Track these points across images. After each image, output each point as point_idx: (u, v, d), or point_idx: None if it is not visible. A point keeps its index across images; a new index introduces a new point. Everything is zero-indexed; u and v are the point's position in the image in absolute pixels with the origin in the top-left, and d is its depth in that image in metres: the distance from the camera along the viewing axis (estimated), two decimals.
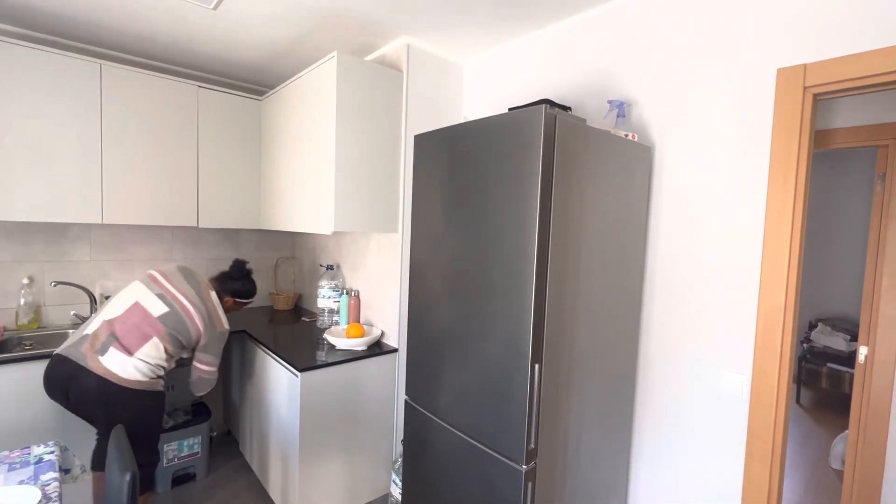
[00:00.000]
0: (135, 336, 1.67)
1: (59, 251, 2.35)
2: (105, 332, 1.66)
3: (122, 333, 1.66)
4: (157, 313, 1.73)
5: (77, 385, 1.59)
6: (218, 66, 2.60)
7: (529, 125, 1.18)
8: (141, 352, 1.66)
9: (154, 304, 1.74)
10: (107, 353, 1.62)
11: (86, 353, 1.62)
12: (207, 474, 2.46)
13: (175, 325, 1.75)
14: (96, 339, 1.64)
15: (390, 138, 2.12)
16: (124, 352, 1.63)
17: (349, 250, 2.57)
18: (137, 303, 1.74)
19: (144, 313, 1.72)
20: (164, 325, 1.72)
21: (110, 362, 1.61)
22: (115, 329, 1.67)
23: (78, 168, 2.12)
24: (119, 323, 1.68)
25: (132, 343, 1.65)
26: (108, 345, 1.63)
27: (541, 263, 1.18)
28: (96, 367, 1.59)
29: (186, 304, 1.79)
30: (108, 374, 1.60)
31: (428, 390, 1.59)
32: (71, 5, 1.92)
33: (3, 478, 1.23)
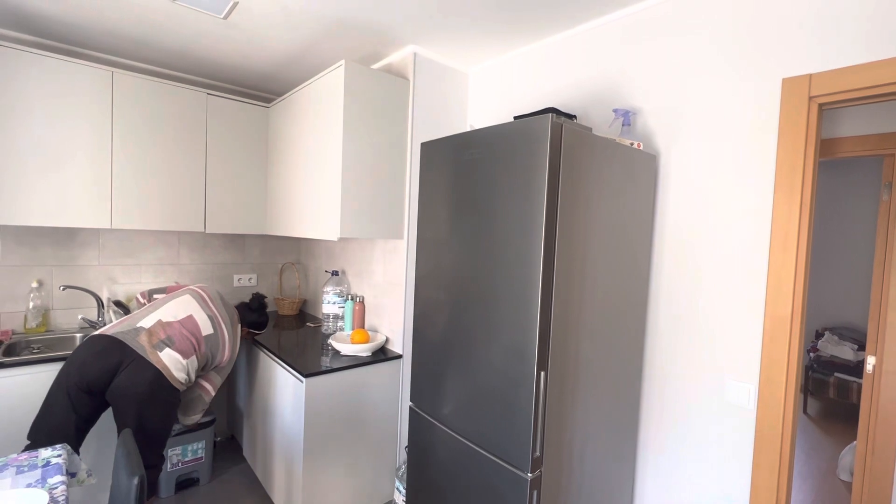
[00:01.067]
0: (187, 345, 1.79)
1: (67, 255, 2.37)
2: (162, 332, 1.76)
3: (178, 339, 1.77)
4: (205, 332, 1.87)
5: (131, 373, 1.62)
6: (227, 74, 2.64)
7: (536, 134, 1.19)
8: (188, 360, 1.78)
9: (205, 323, 1.88)
10: (164, 351, 1.71)
11: (144, 345, 1.69)
12: (211, 479, 2.45)
13: (212, 347, 1.90)
14: (153, 336, 1.72)
15: (396, 145, 2.14)
16: (181, 354, 1.75)
17: (354, 256, 2.58)
18: (192, 316, 1.86)
19: (197, 328, 1.84)
20: (206, 344, 1.86)
21: (168, 359, 1.71)
22: (171, 332, 1.77)
23: (88, 174, 2.15)
24: (177, 327, 1.79)
25: (184, 350, 1.77)
26: (165, 345, 1.73)
27: (546, 272, 1.18)
28: (156, 361, 1.68)
29: (224, 331, 1.95)
30: (164, 369, 1.69)
31: (433, 397, 1.59)
32: (84, 14, 1.95)
33: (11, 481, 1.24)
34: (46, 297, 2.31)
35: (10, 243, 2.22)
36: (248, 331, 2.31)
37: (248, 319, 2.28)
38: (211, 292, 2.06)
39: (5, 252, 2.20)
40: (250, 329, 2.32)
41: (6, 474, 1.27)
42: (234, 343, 2.03)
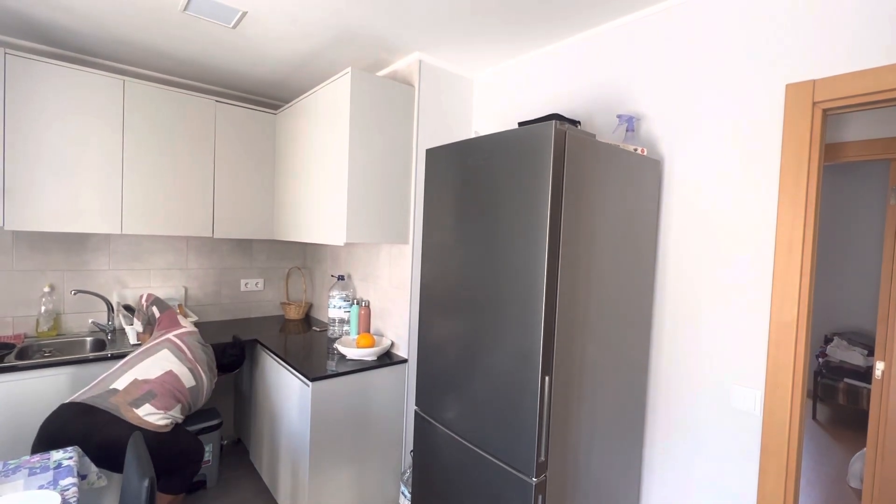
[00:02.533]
0: (169, 399, 1.76)
1: (79, 261, 2.41)
2: (140, 390, 1.70)
3: (160, 394, 1.74)
4: (188, 385, 1.86)
5: (107, 436, 1.57)
6: (235, 82, 2.68)
7: (540, 140, 1.20)
8: (171, 413, 1.77)
9: (186, 376, 1.87)
10: (142, 408, 1.68)
11: (118, 404, 1.64)
12: (218, 482, 2.47)
13: (195, 397, 1.91)
14: (129, 395, 1.68)
15: (402, 151, 2.16)
16: (160, 409, 1.72)
17: (360, 261, 2.60)
18: (171, 371, 1.82)
19: (178, 382, 1.82)
20: (190, 394, 1.87)
21: (144, 414, 1.67)
22: (152, 388, 1.73)
23: (100, 180, 2.19)
24: (156, 384, 1.75)
25: (166, 404, 1.75)
26: (144, 401, 1.69)
27: (551, 276, 1.19)
28: (132, 418, 1.64)
29: (204, 379, 1.95)
30: (142, 423, 1.65)
31: (438, 401, 1.59)
32: (96, 24, 2.00)
33: (24, 482, 1.26)
34: (58, 302, 2.35)
35: (24, 248, 2.26)
36: (219, 373, 2.28)
37: (220, 362, 2.26)
38: (189, 341, 1.98)
39: (18, 257, 2.25)
40: (222, 372, 2.30)
41: (19, 476, 1.30)
42: (211, 387, 2.03)
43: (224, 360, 2.28)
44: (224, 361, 2.28)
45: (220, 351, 2.28)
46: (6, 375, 1.82)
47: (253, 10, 1.80)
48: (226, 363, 2.29)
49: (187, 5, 1.78)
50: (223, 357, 2.28)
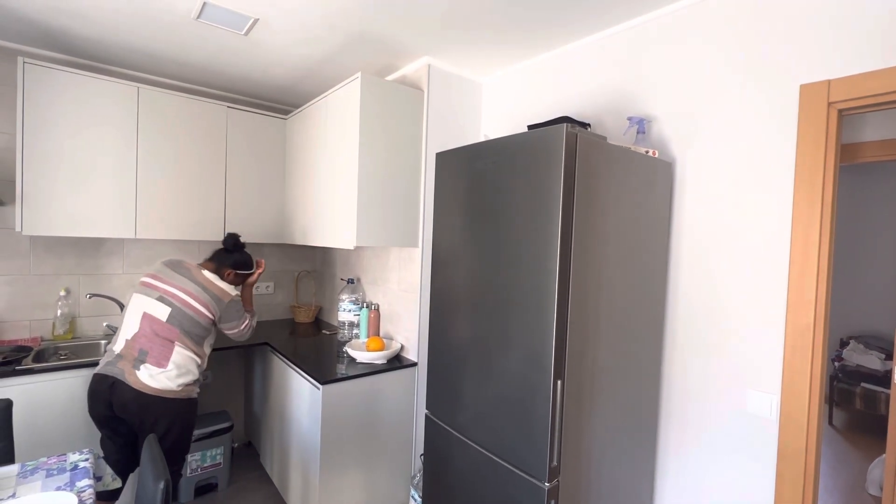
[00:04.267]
0: (159, 347, 1.71)
1: (94, 265, 2.45)
2: (133, 350, 1.71)
3: (149, 347, 1.71)
4: (163, 317, 1.75)
5: (119, 397, 1.67)
6: (246, 87, 2.71)
7: (550, 144, 1.20)
8: (171, 363, 1.72)
9: (158, 308, 1.76)
10: (141, 368, 1.68)
11: (123, 368, 1.68)
12: (229, 485, 2.49)
13: (182, 321, 1.77)
14: (128, 358, 1.70)
15: (411, 155, 2.17)
16: (157, 365, 1.70)
17: (370, 264, 2.61)
18: (145, 313, 1.76)
19: (154, 320, 1.74)
20: (173, 325, 1.75)
21: (145, 376, 1.68)
22: (140, 345, 1.71)
23: (114, 185, 2.22)
24: (141, 338, 1.72)
25: (161, 356, 1.71)
26: (141, 361, 1.69)
27: (562, 280, 1.19)
28: (134, 382, 1.66)
29: (184, 297, 1.79)
30: (144, 387, 1.67)
31: (449, 405, 1.59)
32: (111, 32, 2.04)
33: (42, 484, 1.28)
34: (74, 305, 2.39)
35: (41, 253, 2.30)
36: (234, 273, 2.07)
37: (228, 261, 2.06)
38: (155, 269, 1.88)
39: (35, 262, 2.29)
40: (236, 270, 2.08)
41: (36, 477, 1.32)
42: (211, 291, 1.84)
43: (228, 261, 2.05)
44: (230, 261, 2.06)
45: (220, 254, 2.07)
46: (24, 378, 1.86)
47: (264, 17, 1.82)
48: (234, 262, 2.06)
49: (200, 13, 1.81)
50: (226, 257, 2.06)
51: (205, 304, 1.82)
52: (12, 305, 2.24)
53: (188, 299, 1.79)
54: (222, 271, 2.03)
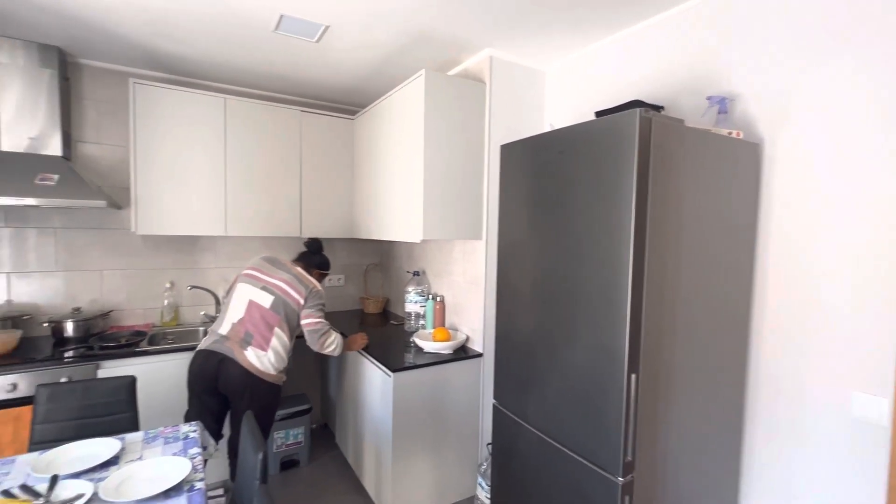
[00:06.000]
0: (262, 330, 1.94)
1: (191, 260, 2.75)
2: (238, 332, 1.93)
3: (253, 331, 1.93)
4: (267, 304, 1.98)
5: (226, 372, 1.89)
6: (317, 91, 2.87)
7: (622, 130, 1.16)
8: (272, 346, 1.94)
9: (263, 297, 1.99)
10: (248, 349, 1.90)
11: (232, 348, 1.90)
12: (309, 462, 2.69)
13: (282, 308, 1.99)
14: (234, 339, 1.92)
15: (474, 148, 2.19)
16: (260, 348, 1.92)
17: (434, 257, 2.67)
18: (251, 301, 1.99)
19: (259, 308, 1.97)
20: (275, 311, 1.97)
21: (252, 356, 1.90)
22: (247, 328, 1.94)
23: (207, 188, 2.47)
24: (247, 322, 1.95)
25: (264, 338, 1.93)
26: (247, 343, 1.92)
27: (637, 271, 1.15)
28: (242, 360, 1.89)
29: (283, 286, 2.01)
30: (250, 366, 1.89)
31: (516, 395, 1.61)
32: (203, 51, 2.25)
33: (161, 449, 1.48)
34: (177, 296, 2.70)
35: (151, 250, 2.62)
36: (318, 272, 2.29)
37: (314, 262, 2.28)
38: (256, 263, 2.10)
39: (147, 258, 2.61)
40: (320, 270, 2.31)
41: (157, 443, 1.52)
42: (302, 280, 2.04)
43: (314, 261, 2.28)
44: (315, 262, 2.28)
45: (306, 256, 2.29)
46: (141, 358, 2.14)
47: (334, 24, 1.92)
48: (318, 263, 2.30)
49: (278, 25, 1.94)
50: (312, 259, 2.28)
51: (299, 292, 2.02)
52: (130, 296, 2.58)
53: (287, 288, 2.01)
54: (310, 270, 2.24)
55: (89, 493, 1.19)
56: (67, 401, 1.64)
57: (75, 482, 1.24)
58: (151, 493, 1.19)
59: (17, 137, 2.12)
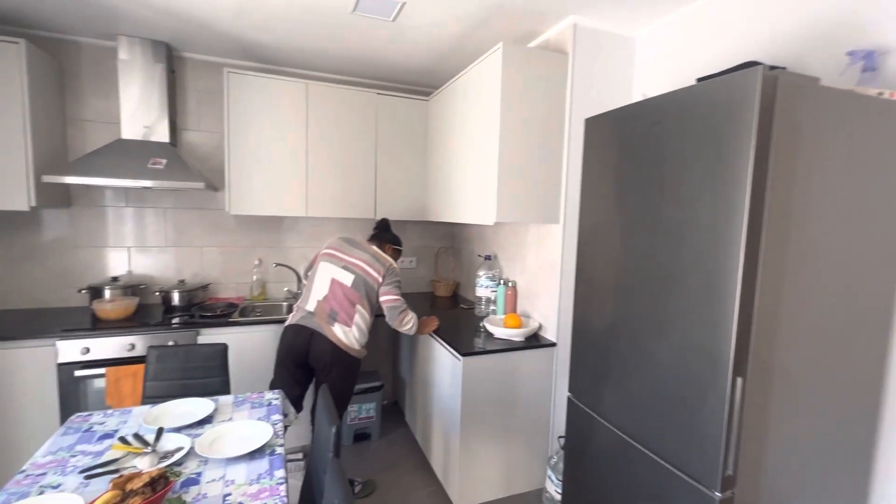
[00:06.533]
0: (346, 307, 2.03)
1: (276, 239, 2.93)
2: (324, 309, 2.04)
3: (338, 308, 2.03)
4: (349, 283, 2.06)
5: (316, 346, 2.01)
6: (392, 73, 2.88)
7: (738, 93, 0.99)
8: (355, 322, 2.03)
9: (344, 275, 2.07)
10: (335, 325, 2.01)
11: (320, 323, 2.02)
12: (380, 436, 2.79)
13: (363, 285, 2.06)
14: (320, 315, 2.03)
15: (553, 125, 2.05)
16: (345, 324, 2.02)
17: (507, 241, 2.59)
18: (334, 279, 2.08)
19: (342, 286, 2.06)
20: (356, 289, 2.05)
21: (339, 332, 2.01)
22: (331, 305, 2.04)
23: (290, 170, 2.60)
24: (332, 300, 2.05)
25: (348, 315, 2.03)
26: (333, 319, 2.02)
27: (749, 261, 0.98)
28: (330, 335, 2.00)
29: (361, 264, 2.08)
30: (338, 341, 2.00)
31: (594, 390, 1.50)
32: (285, 38, 2.34)
33: (248, 413, 1.60)
34: (264, 272, 2.90)
35: (242, 229, 2.83)
36: (391, 248, 2.32)
37: (386, 239, 2.33)
38: (335, 243, 2.18)
39: (239, 236, 2.83)
40: (393, 246, 2.34)
41: (244, 407, 1.64)
42: (379, 258, 2.10)
43: (386, 238, 2.33)
44: (387, 239, 2.33)
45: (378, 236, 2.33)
46: (234, 328, 2.33)
47: (410, 1, 1.88)
48: (390, 239, 2.34)
49: (356, 6, 1.95)
50: (385, 235, 2.33)
51: (377, 269, 2.08)
52: (224, 271, 2.82)
53: (365, 266, 2.08)
54: (383, 247, 2.29)
55: (187, 447, 1.31)
56: (172, 362, 1.83)
57: (176, 436, 1.37)
58: (238, 454, 1.28)
59: (135, 126, 2.37)
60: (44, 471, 1.21)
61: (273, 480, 1.19)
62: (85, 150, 2.45)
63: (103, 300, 2.32)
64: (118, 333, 2.13)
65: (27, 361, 2.00)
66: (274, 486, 1.17)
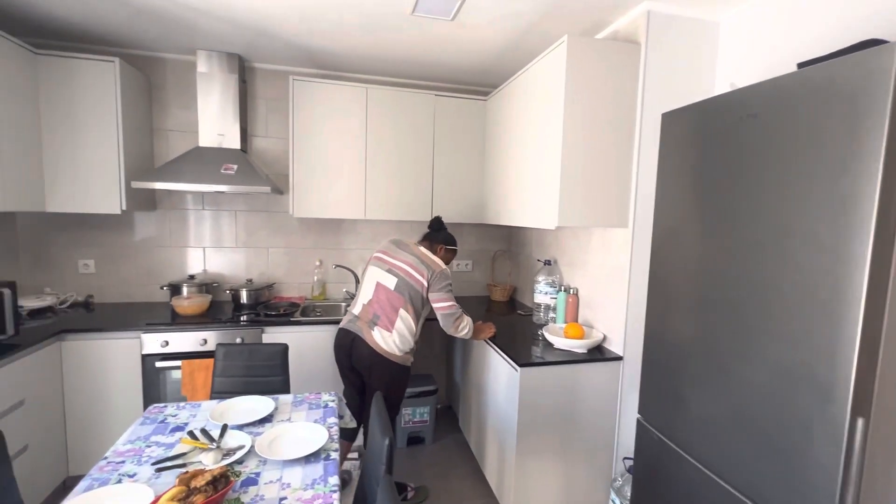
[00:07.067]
0: (388, 312, 2.00)
1: (336, 241, 3.00)
2: (369, 313, 2.04)
3: (380, 312, 2.01)
4: (392, 286, 2.02)
5: (357, 350, 2.02)
6: (450, 74, 2.84)
7: (863, 77, 0.82)
8: (396, 327, 1.99)
9: (388, 279, 2.04)
10: (374, 329, 2.00)
11: (361, 327, 2.03)
12: (433, 441, 2.76)
13: (406, 289, 2.01)
14: (364, 319, 2.04)
15: (622, 122, 1.90)
16: (385, 329, 1.99)
17: (568, 245, 2.45)
18: (378, 283, 2.07)
19: (385, 289, 2.03)
20: (400, 293, 2.01)
21: (378, 337, 1.99)
22: (374, 309, 2.03)
23: (350, 174, 2.65)
24: (375, 304, 2.03)
25: (389, 320, 2.00)
26: (374, 323, 2.01)
27: (878, 273, 0.82)
28: (369, 340, 1.99)
29: (405, 267, 2.04)
30: (376, 346, 1.98)
31: (667, 413, 1.35)
32: (347, 44, 2.37)
33: (306, 414, 1.62)
34: (325, 273, 2.98)
35: (304, 231, 2.93)
36: (444, 248, 2.23)
37: (438, 239, 2.23)
38: (384, 246, 2.17)
39: (301, 238, 2.93)
40: (446, 246, 2.24)
41: (302, 408, 1.67)
42: (425, 261, 2.03)
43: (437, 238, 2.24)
44: (440, 239, 2.23)
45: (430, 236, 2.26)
46: (295, 327, 2.41)
47: None
48: (443, 238, 2.24)
49: (415, 7, 1.92)
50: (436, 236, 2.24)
51: (420, 272, 2.02)
52: (287, 271, 2.93)
53: (409, 269, 2.03)
54: (434, 248, 2.22)
55: (248, 446, 1.34)
56: (238, 359, 1.91)
57: (238, 433, 1.42)
58: (295, 456, 1.29)
59: (211, 134, 2.52)
60: (123, 459, 1.29)
61: (327, 487, 1.18)
62: (168, 158, 2.65)
63: (181, 297, 2.49)
64: (193, 329, 2.28)
65: (117, 352, 2.19)
66: (327, 493, 1.16)
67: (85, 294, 2.63)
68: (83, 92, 2.26)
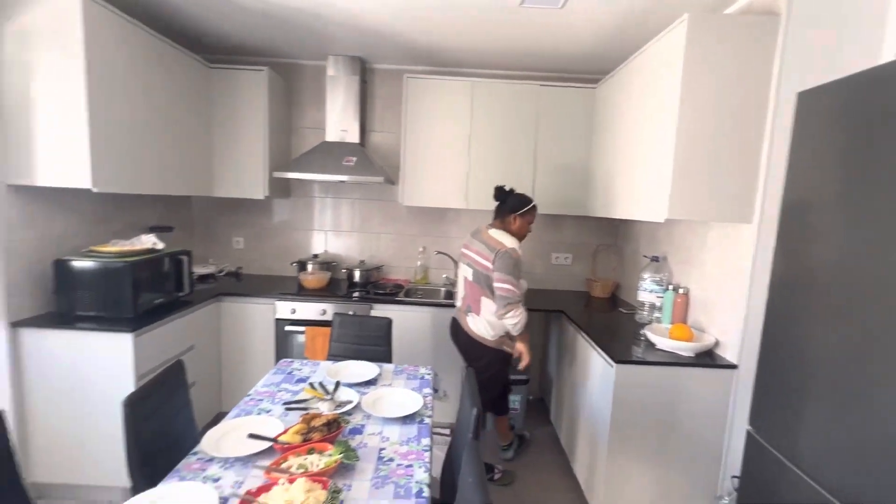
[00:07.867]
0: (476, 299, 2.11)
1: (439, 229, 3.17)
2: (465, 304, 2.21)
3: (471, 301, 2.15)
4: (471, 278, 2.13)
5: (458, 337, 2.25)
6: (556, 62, 2.79)
7: None
8: (482, 311, 2.09)
9: (468, 272, 2.16)
10: (468, 315, 2.16)
11: (460, 316, 2.23)
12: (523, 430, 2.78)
13: (482, 279, 2.06)
14: (462, 309, 2.23)
15: (750, 105, 1.70)
16: (476, 313, 2.13)
17: (680, 241, 2.27)
18: (464, 277, 2.20)
19: (468, 282, 2.16)
20: (477, 283, 2.09)
21: (471, 322, 2.15)
22: (468, 301, 2.18)
23: (455, 166, 2.78)
24: (468, 298, 2.18)
25: (476, 308, 2.13)
26: (468, 310, 2.17)
27: None
28: (465, 325, 2.18)
29: (476, 257, 2.09)
30: (470, 330, 2.15)
31: (786, 429, 1.21)
32: (456, 38, 2.48)
33: (404, 382, 1.78)
34: (427, 259, 3.18)
35: (411, 219, 3.16)
36: (516, 217, 2.12)
37: (506, 209, 2.14)
38: (466, 241, 2.24)
39: (407, 225, 3.16)
40: (516, 214, 2.12)
41: (402, 377, 1.84)
42: (490, 244, 2.02)
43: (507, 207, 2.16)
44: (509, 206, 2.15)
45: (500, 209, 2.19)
46: (399, 306, 2.63)
47: None
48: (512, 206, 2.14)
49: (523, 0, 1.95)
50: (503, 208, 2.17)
51: (486, 258, 2.03)
52: (395, 255, 3.19)
53: (478, 258, 2.09)
54: (506, 221, 2.13)
55: (356, 401, 1.53)
56: (350, 328, 2.17)
57: (349, 390, 1.62)
58: (394, 416, 1.45)
59: (336, 131, 2.85)
60: (261, 398, 1.58)
61: (419, 446, 1.31)
62: (301, 152, 3.06)
63: (306, 272, 2.87)
64: (315, 300, 2.62)
65: (257, 315, 2.63)
66: (420, 451, 1.29)
67: (236, 265, 3.18)
68: (241, 96, 2.72)
